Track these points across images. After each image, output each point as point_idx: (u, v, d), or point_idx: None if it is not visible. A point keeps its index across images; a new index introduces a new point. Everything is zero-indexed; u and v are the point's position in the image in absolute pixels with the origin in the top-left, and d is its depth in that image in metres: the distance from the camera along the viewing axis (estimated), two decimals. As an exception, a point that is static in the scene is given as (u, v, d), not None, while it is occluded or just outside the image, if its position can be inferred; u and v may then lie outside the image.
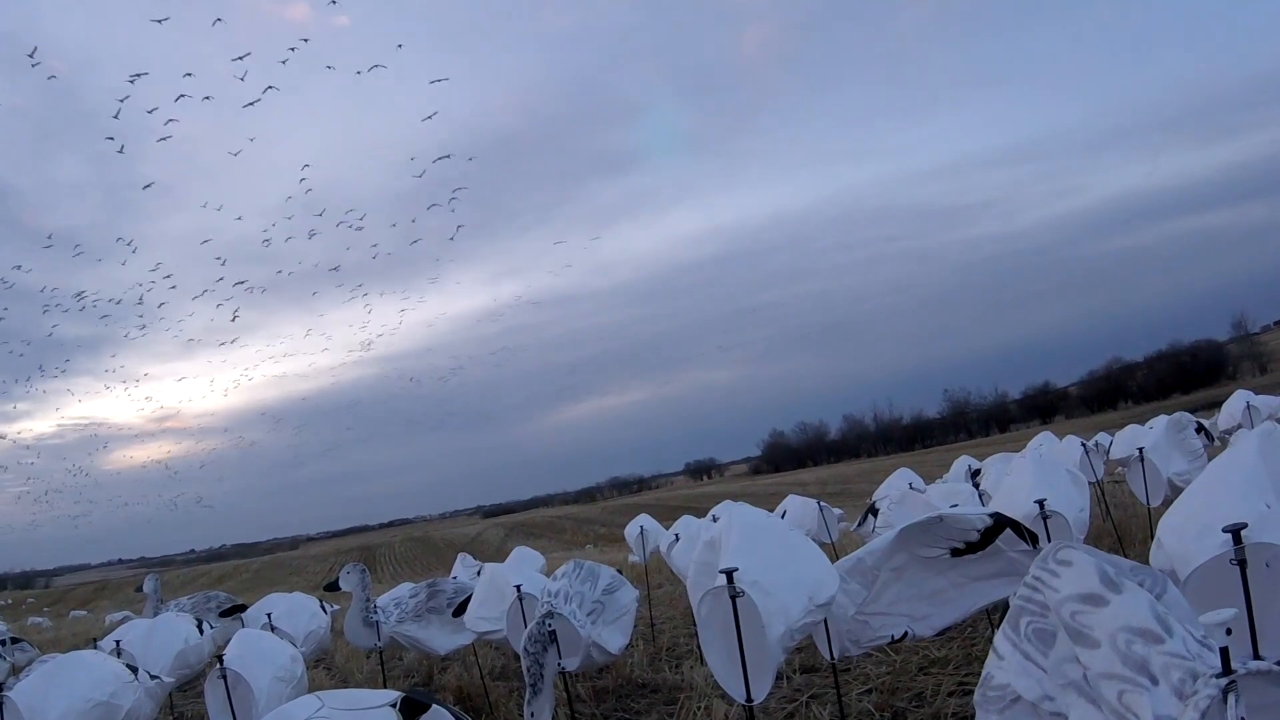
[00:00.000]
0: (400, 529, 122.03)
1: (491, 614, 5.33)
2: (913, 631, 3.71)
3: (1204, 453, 7.85)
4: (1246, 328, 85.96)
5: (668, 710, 5.41)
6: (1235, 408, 9.78)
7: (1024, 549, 3.61)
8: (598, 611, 4.72)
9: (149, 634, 5.80)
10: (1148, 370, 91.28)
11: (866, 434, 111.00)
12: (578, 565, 4.92)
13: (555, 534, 66.65)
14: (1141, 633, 1.69)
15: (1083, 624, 1.79)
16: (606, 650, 4.66)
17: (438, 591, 6.14)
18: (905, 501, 6.62)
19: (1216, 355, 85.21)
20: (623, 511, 55.80)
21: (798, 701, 5.03)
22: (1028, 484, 4.86)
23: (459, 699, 6.26)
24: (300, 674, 4.62)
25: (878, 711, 4.65)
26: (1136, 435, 8.80)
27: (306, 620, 6.81)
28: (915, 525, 3.66)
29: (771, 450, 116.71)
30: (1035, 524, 4.29)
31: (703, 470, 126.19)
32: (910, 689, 4.93)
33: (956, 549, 3.62)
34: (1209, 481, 2.80)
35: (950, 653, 5.39)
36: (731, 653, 3.20)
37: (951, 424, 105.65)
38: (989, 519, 3.64)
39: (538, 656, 4.21)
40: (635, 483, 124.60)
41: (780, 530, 3.85)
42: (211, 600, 8.14)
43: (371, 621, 5.99)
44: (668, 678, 6.09)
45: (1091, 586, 1.80)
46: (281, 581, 56.82)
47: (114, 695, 4.11)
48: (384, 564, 67.72)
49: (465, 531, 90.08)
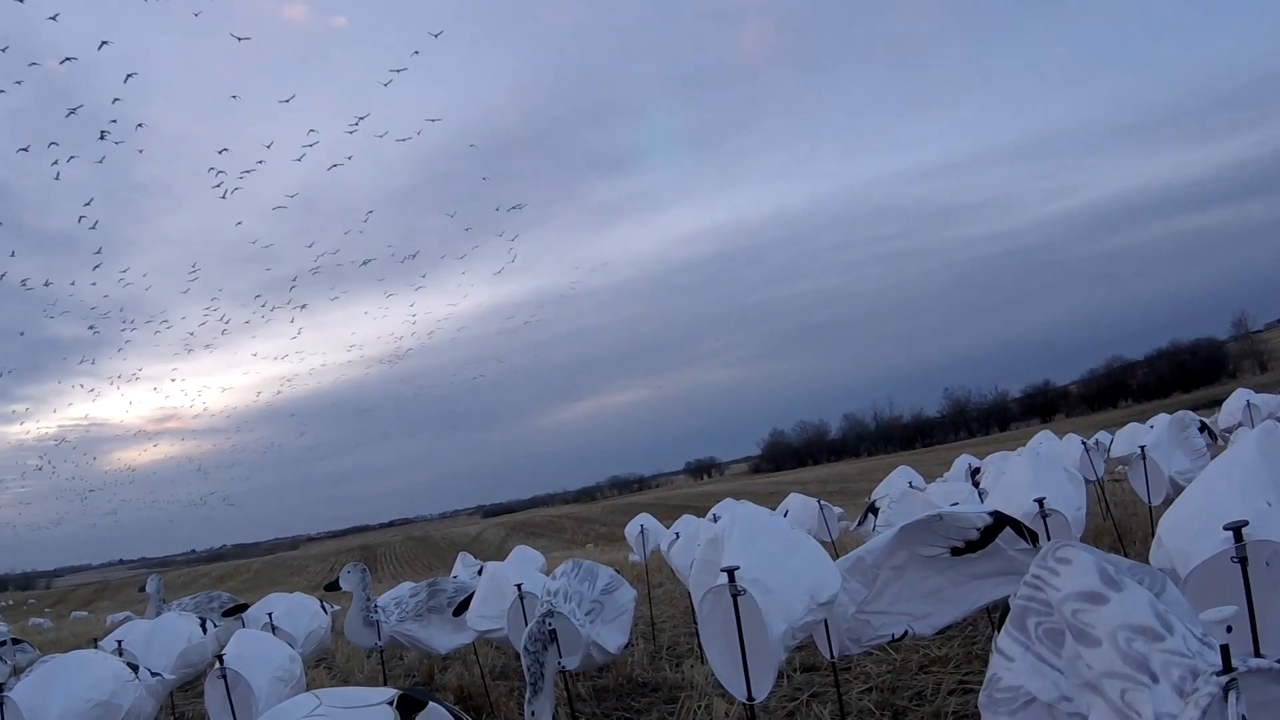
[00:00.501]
0: (401, 528, 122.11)
1: (493, 612, 5.33)
2: (913, 630, 3.71)
3: (1207, 452, 7.84)
4: (1247, 326, 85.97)
5: (668, 709, 5.40)
6: (1235, 406, 9.75)
7: (1024, 547, 3.61)
8: (596, 611, 4.72)
9: (151, 634, 5.80)
10: (1148, 369, 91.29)
11: (866, 433, 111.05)
12: (576, 565, 4.92)
13: (555, 533, 66.67)
14: (1142, 630, 1.68)
15: (1084, 622, 1.79)
16: (605, 649, 4.66)
17: (438, 591, 6.14)
18: (905, 500, 6.62)
19: (1217, 353, 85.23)
20: (623, 511, 55.77)
21: (798, 700, 5.03)
22: (1026, 482, 4.86)
23: (460, 698, 6.26)
24: (299, 674, 4.62)
25: (878, 710, 4.65)
26: (1137, 434, 8.79)
27: (307, 620, 6.81)
28: (915, 524, 3.66)
29: (772, 449, 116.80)
30: (1034, 522, 4.30)
31: (703, 469, 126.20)
32: (911, 687, 4.93)
33: (956, 548, 3.62)
34: (1209, 480, 2.79)
35: (950, 651, 5.39)
36: (733, 651, 3.19)
37: (951, 423, 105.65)
38: (989, 517, 3.64)
39: (538, 655, 4.21)
40: (635, 482, 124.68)
41: (782, 528, 3.84)
42: (214, 600, 8.14)
43: (372, 621, 5.99)
44: (668, 676, 6.09)
45: (1091, 584, 1.79)
46: (282, 581, 56.83)
47: (114, 695, 4.10)
48: (384, 563, 67.73)
49: (465, 531, 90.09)
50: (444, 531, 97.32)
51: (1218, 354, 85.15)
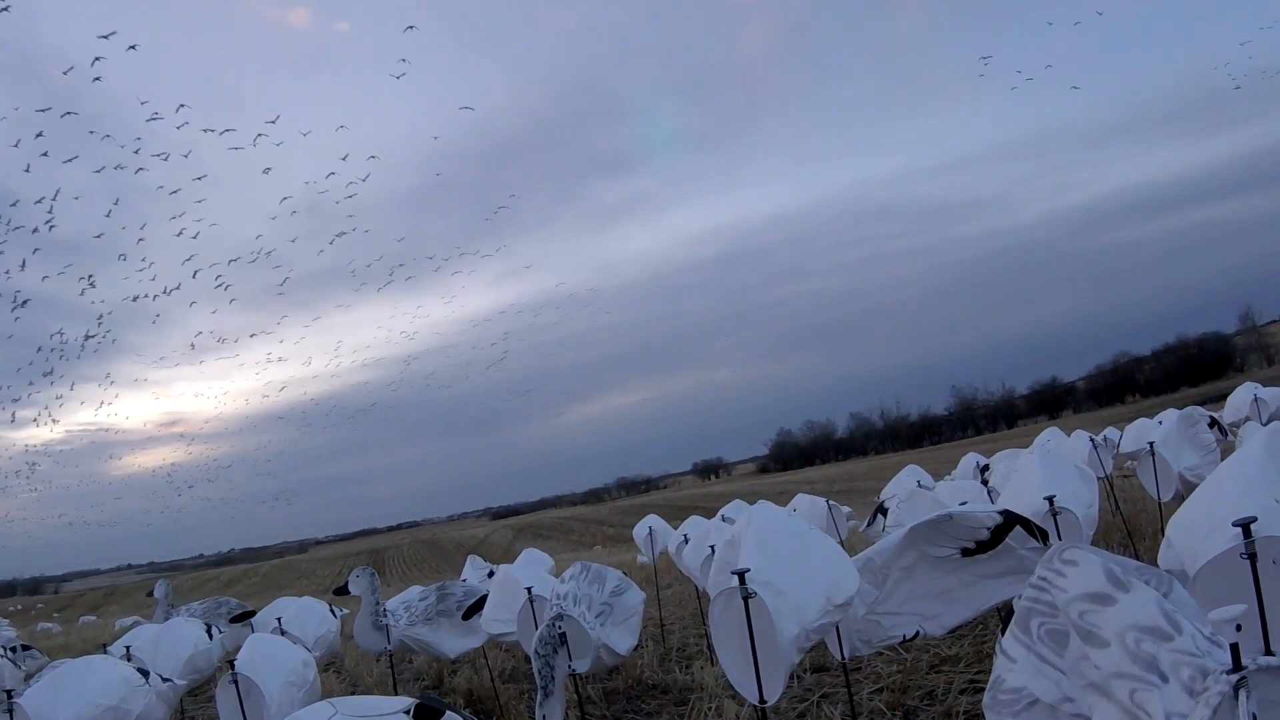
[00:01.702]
0: (409, 532, 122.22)
1: (506, 616, 5.34)
2: (924, 630, 3.71)
3: (1216, 447, 7.80)
4: (1253, 320, 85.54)
5: (678, 711, 5.41)
6: (1243, 400, 9.71)
7: (1034, 546, 3.60)
8: (606, 613, 4.72)
9: (158, 639, 5.83)
10: (1155, 364, 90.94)
11: (874, 432, 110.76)
12: (585, 567, 4.92)
13: (563, 535, 66.70)
14: (1150, 630, 1.68)
15: (1091, 624, 1.79)
16: (615, 652, 4.67)
17: (447, 594, 6.15)
18: (914, 500, 6.60)
19: (1224, 348, 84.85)
20: (631, 512, 55.83)
21: (809, 701, 5.03)
22: (1036, 481, 4.83)
23: (469, 702, 6.27)
24: (312, 678, 4.63)
25: (889, 710, 4.65)
26: (1146, 429, 8.76)
27: (316, 624, 6.83)
28: (925, 524, 3.66)
29: (779, 449, 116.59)
30: (1045, 521, 4.28)
31: (710, 470, 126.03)
32: (921, 687, 4.93)
33: (967, 548, 3.61)
34: (1217, 481, 2.79)
35: (961, 650, 5.39)
36: (744, 654, 3.20)
37: (959, 420, 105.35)
38: (999, 517, 3.63)
39: (548, 659, 4.22)
40: (643, 483, 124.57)
41: (799, 530, 3.80)
42: (222, 606, 8.17)
43: (381, 625, 6.00)
44: (678, 678, 6.09)
45: (1099, 586, 1.79)
46: (290, 585, 56.90)
47: (124, 700, 4.12)
48: (393, 567, 67.83)
49: (473, 533, 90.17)
50: (452, 534, 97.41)
51: (1224, 348, 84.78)
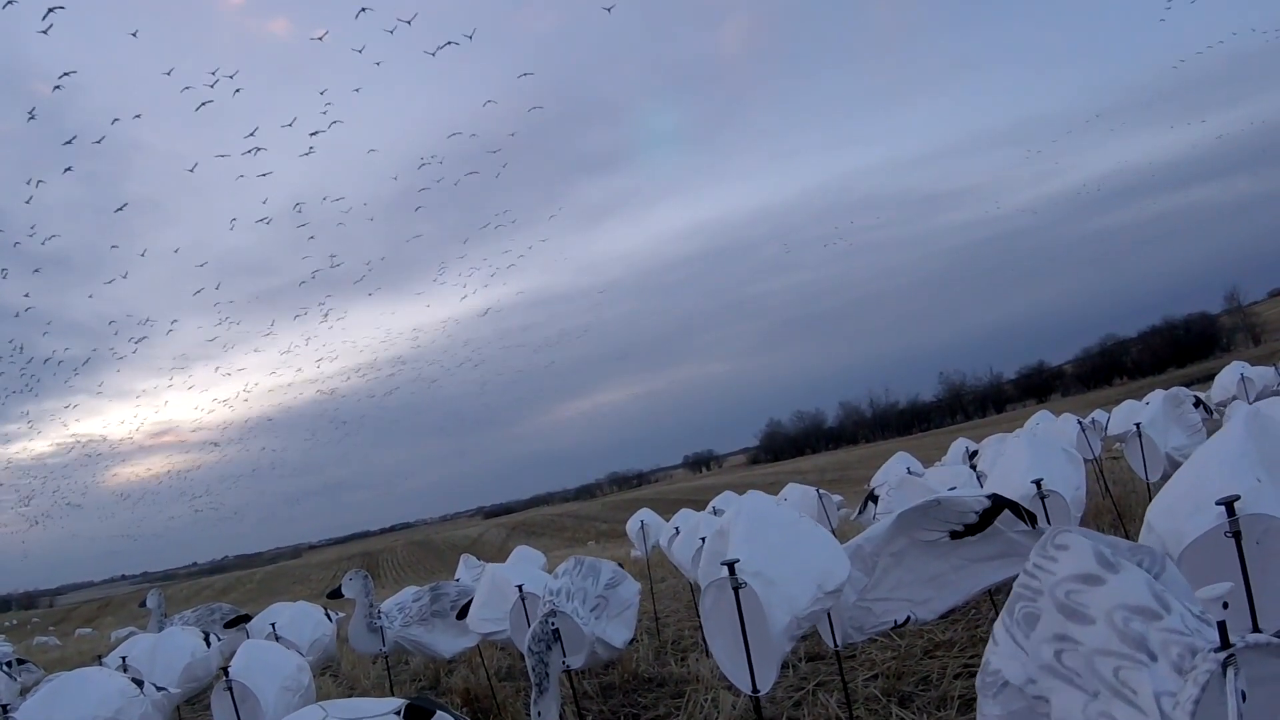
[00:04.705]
0: (401, 533, 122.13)
1: (494, 615, 5.33)
2: (915, 616, 3.72)
3: (1202, 427, 7.85)
4: (1239, 300, 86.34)
5: (675, 703, 5.42)
6: (1229, 380, 9.79)
7: (1023, 529, 3.62)
8: (601, 607, 4.72)
9: (154, 649, 5.78)
10: (1142, 345, 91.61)
11: (863, 420, 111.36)
12: (578, 562, 4.92)
13: (556, 532, 66.75)
14: (1139, 610, 1.69)
15: (1078, 602, 1.80)
16: (611, 645, 4.67)
17: (441, 595, 6.14)
18: (904, 486, 6.62)
19: (1210, 328, 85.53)
20: (623, 507, 55.79)
21: (804, 689, 5.04)
22: (1024, 464, 4.85)
23: (466, 701, 6.27)
24: (307, 683, 4.61)
25: (884, 696, 4.67)
26: (1133, 411, 8.79)
27: (311, 628, 6.80)
28: (913, 510, 3.67)
29: (769, 440, 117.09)
30: (1033, 504, 4.30)
31: (701, 462, 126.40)
32: (916, 673, 4.95)
33: (955, 531, 3.63)
34: (1198, 463, 2.80)
35: (955, 635, 5.41)
36: (736, 644, 3.20)
37: (948, 407, 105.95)
38: (987, 501, 3.64)
39: (542, 656, 4.21)
40: (634, 478, 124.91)
41: (788, 519, 3.80)
42: (215, 612, 8.14)
43: (376, 627, 5.99)
44: (674, 671, 6.10)
45: (1088, 568, 1.80)
46: (285, 590, 56.76)
47: (119, 711, 4.09)
48: (386, 569, 67.68)
49: (466, 533, 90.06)
50: (445, 535, 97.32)
51: (1211, 328, 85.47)
